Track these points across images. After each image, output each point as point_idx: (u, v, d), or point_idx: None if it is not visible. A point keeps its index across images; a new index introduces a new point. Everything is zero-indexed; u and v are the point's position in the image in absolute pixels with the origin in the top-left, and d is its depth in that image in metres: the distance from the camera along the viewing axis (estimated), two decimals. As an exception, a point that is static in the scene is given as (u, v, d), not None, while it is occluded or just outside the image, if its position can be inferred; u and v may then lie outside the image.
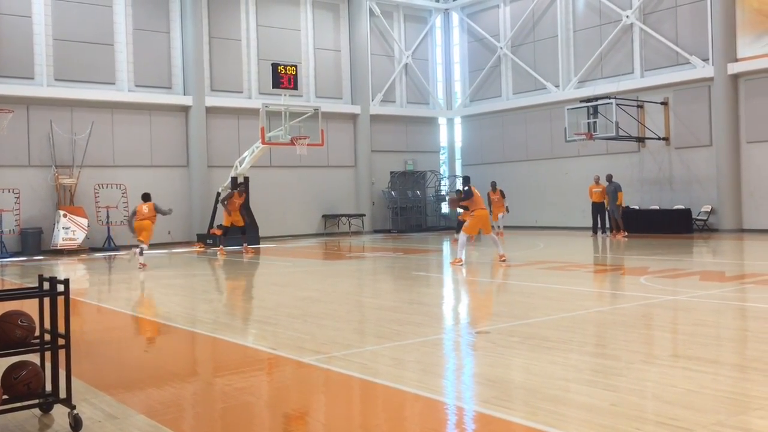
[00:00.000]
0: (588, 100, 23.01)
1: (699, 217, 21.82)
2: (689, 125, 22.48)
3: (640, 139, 23.20)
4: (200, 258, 18.33)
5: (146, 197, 16.06)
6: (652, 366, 5.60)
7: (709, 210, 21.81)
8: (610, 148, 23.89)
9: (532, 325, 7.46)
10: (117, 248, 21.21)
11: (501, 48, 28.17)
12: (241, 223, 19.60)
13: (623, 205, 21.50)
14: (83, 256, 19.73)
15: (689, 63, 22.42)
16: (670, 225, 21.57)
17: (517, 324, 7.47)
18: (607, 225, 22.00)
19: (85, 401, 4.93)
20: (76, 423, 4.33)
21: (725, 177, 21.39)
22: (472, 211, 13.87)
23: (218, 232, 21.52)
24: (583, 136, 22.34)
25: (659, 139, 22.95)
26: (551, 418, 4.31)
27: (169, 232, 23.12)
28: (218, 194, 22.09)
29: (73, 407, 4.40)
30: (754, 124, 21.06)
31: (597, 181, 21.98)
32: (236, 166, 21.94)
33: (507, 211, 22.94)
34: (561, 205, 26.01)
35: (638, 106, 23.30)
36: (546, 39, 26.69)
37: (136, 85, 23.13)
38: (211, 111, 24.27)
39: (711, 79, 21.71)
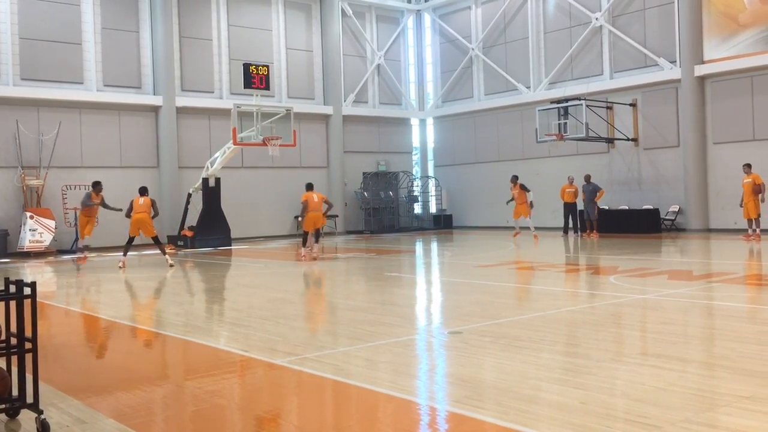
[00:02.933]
0: (558, 101, 23.23)
1: (667, 217, 22.16)
2: (657, 126, 22.82)
3: (610, 140, 23.49)
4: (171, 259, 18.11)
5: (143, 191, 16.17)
6: (622, 364, 5.67)
7: (676, 210, 22.16)
8: (580, 149, 24.14)
9: (503, 324, 7.51)
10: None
11: (473, 49, 28.33)
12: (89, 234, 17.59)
13: (598, 205, 21.68)
14: (51, 258, 19.42)
15: (657, 65, 22.76)
16: (638, 225, 21.87)
17: (489, 324, 7.51)
18: (578, 225, 22.25)
19: (52, 406, 4.85)
20: (43, 428, 4.26)
21: (692, 177, 21.75)
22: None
23: (189, 234, 21.35)
24: (554, 137, 22.56)
25: (628, 140, 23.26)
26: (523, 417, 4.34)
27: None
28: (189, 195, 21.89)
29: (41, 412, 4.33)
30: (720, 125, 21.44)
31: (571, 182, 22.24)
32: (207, 167, 21.77)
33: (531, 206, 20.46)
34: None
35: (607, 108, 23.60)
36: (517, 41, 26.90)
37: (105, 85, 22.82)
38: (181, 111, 24.04)
39: (678, 80, 22.06)
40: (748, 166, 18.29)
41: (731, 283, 10.66)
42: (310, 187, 16.84)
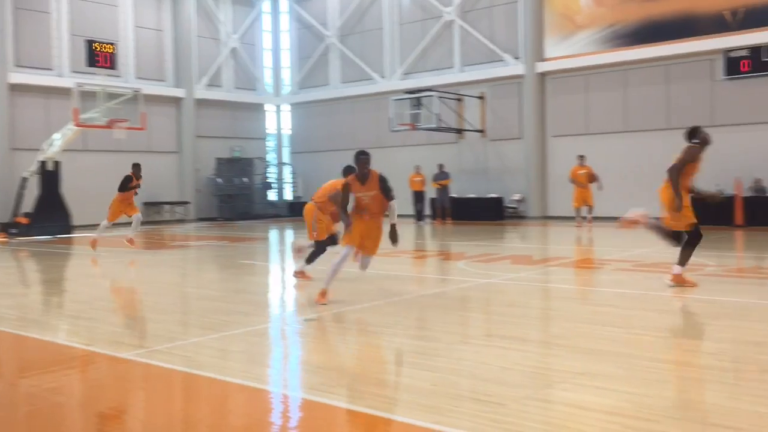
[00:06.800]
0: (412, 91, 23.83)
1: (510, 205, 23.44)
2: (502, 119, 24.01)
3: (459, 131, 24.42)
4: (2, 249, 16.77)
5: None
6: (469, 346, 5.93)
7: (519, 198, 23.48)
8: (431, 139, 24.89)
9: (358, 310, 7.61)
10: None
11: (329, 36, 28.33)
12: None
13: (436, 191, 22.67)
14: None
15: (503, 60, 23.89)
16: (484, 212, 22.96)
17: (344, 310, 7.58)
18: (425, 212, 23.20)
19: None
20: None
21: (533, 168, 23.15)
22: None
23: (24, 221, 19.85)
24: (407, 127, 23.14)
25: (476, 131, 24.29)
26: (377, 402, 4.42)
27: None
28: (24, 179, 20.31)
29: None
30: (558, 119, 22.92)
31: (418, 171, 23.03)
32: (44, 149, 20.28)
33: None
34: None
35: (457, 99, 24.49)
36: (373, 30, 27.21)
37: (-76, 56, 20.60)
38: (15, 89, 22.18)
39: (522, 76, 23.30)
40: (582, 157, 19.55)
41: (567, 266, 11.44)
42: None
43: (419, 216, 23.04)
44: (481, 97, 24.42)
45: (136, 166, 15.34)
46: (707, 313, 7.13)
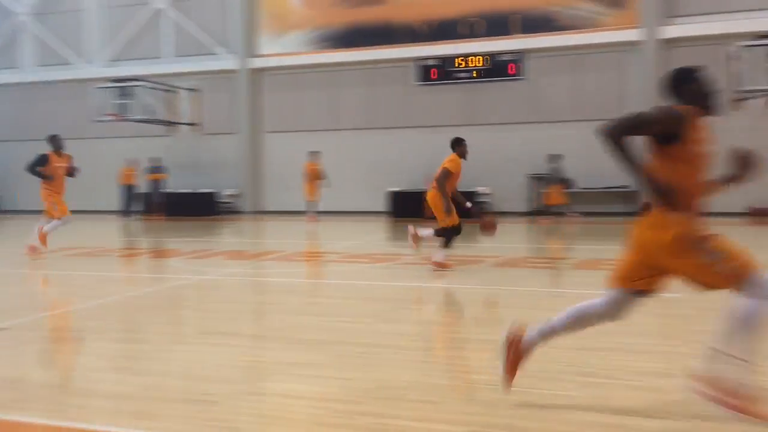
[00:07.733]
0: (119, 80, 22.51)
1: (224, 200, 23.33)
2: (217, 113, 23.76)
3: (171, 124, 23.64)
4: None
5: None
6: (183, 345, 5.81)
7: (234, 193, 23.47)
8: (141, 131, 23.73)
9: (59, 316, 7.01)
10: None
11: (20, 14, 25.46)
12: None
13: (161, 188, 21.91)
14: None
15: (217, 54, 23.63)
16: (198, 207, 22.53)
17: (42, 316, 6.93)
18: (132, 207, 22.34)
19: None
20: None
21: (248, 163, 23.32)
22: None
23: None
24: (112, 117, 21.89)
25: (189, 124, 23.72)
26: (80, 413, 4.13)
27: None
28: None
29: None
30: (272, 115, 23.35)
31: (130, 164, 22.10)
32: None
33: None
34: (89, 187, 24.83)
35: (170, 91, 23.66)
36: (74, 11, 25.07)
37: None
38: None
39: (236, 71, 23.28)
40: (315, 153, 19.70)
41: (280, 260, 11.73)
42: None
43: (128, 211, 21.97)
44: (194, 90, 23.88)
45: (54, 139, 11.58)
46: (406, 298, 7.83)
